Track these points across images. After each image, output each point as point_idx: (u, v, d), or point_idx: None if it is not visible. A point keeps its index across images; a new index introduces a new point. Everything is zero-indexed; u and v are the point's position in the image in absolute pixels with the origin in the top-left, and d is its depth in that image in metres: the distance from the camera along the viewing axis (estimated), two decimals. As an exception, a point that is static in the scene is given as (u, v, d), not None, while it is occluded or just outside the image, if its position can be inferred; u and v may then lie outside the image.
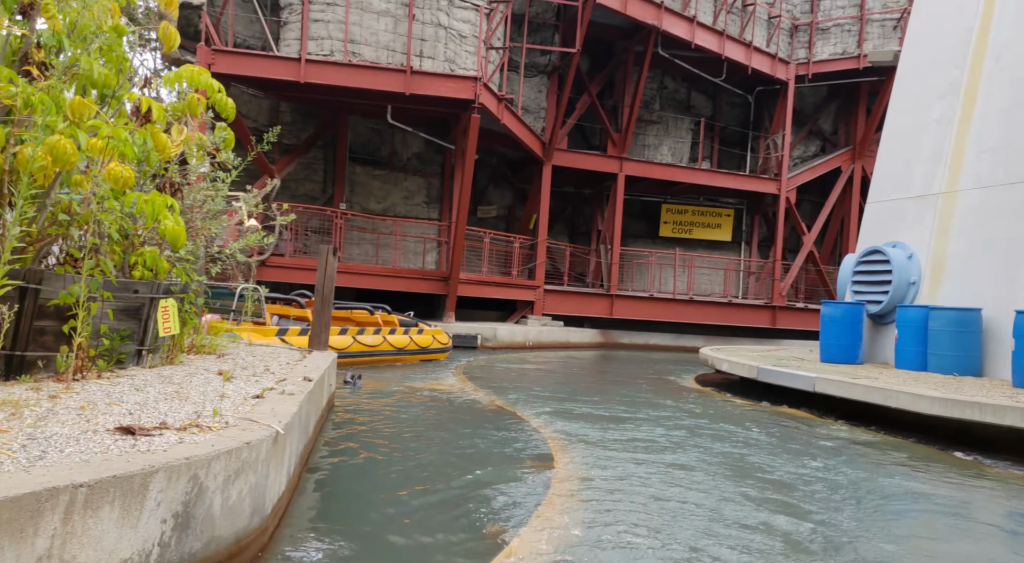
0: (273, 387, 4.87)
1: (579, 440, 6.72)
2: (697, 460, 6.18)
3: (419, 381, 10.62)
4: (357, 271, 17.67)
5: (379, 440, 6.30)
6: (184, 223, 6.55)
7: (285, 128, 19.20)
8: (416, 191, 21.30)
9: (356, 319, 13.44)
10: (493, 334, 18.33)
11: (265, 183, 16.56)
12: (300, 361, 6.83)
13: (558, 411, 8.47)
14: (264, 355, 7.08)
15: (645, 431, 7.36)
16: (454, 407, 8.44)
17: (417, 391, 9.54)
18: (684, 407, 9.52)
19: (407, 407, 8.22)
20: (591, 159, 22.55)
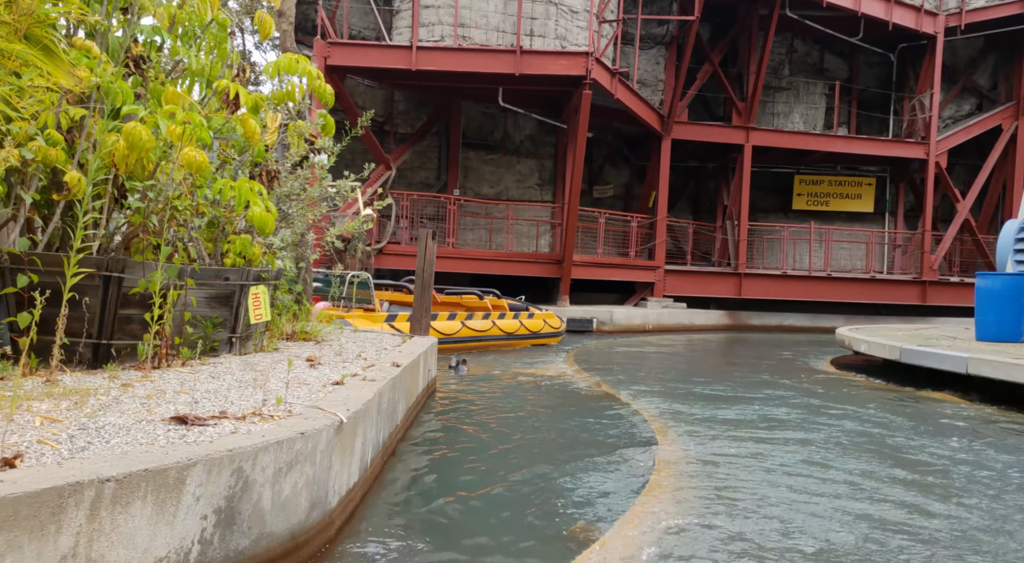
0: (357, 373, 4.73)
1: (688, 428, 6.23)
2: (824, 451, 5.55)
3: (526, 366, 10.38)
4: (471, 256, 17.67)
5: (475, 428, 6.09)
6: (278, 210, 6.59)
7: (399, 117, 19.50)
8: (528, 174, 21.06)
9: (466, 304, 13.38)
10: (609, 317, 17.84)
11: (382, 173, 16.89)
12: (397, 347, 6.73)
13: (669, 396, 7.96)
14: (364, 341, 7.04)
15: (767, 420, 6.75)
16: (558, 393, 8.13)
17: (522, 376, 9.30)
18: (815, 391, 8.73)
19: (509, 393, 7.98)
20: (714, 130, 21.46)
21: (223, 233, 5.44)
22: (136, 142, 3.86)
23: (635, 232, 20.40)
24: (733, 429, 6.27)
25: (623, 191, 24.54)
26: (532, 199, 20.87)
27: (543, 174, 21.15)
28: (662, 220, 20.73)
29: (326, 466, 3.19)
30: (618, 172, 24.42)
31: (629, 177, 24.58)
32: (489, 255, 17.93)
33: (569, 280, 17.84)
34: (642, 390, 8.36)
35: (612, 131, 22.81)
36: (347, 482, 3.53)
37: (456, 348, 11.49)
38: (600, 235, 19.42)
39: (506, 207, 19.18)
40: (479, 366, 10.10)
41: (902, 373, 9.97)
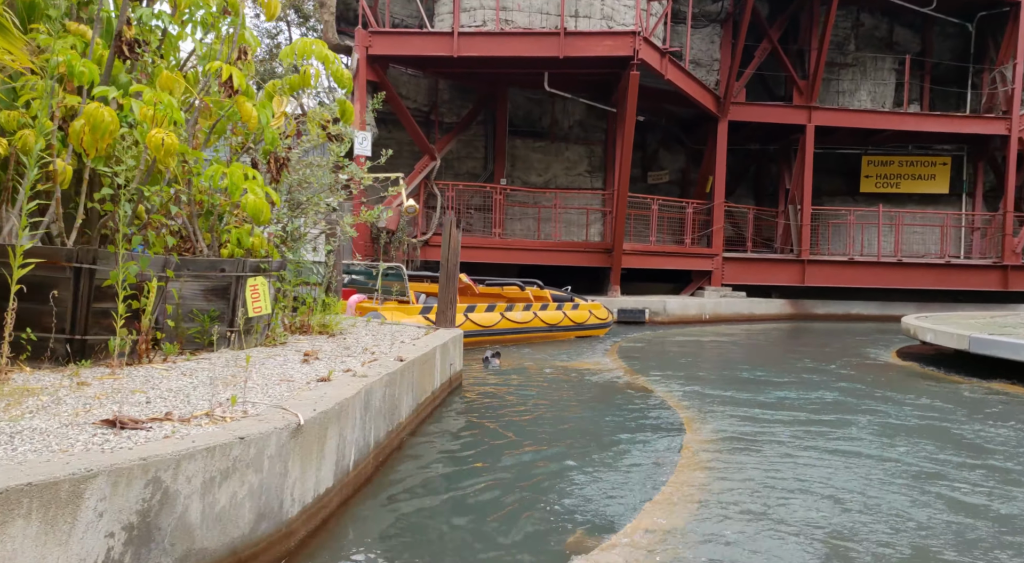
0: (351, 369, 4.43)
1: (731, 432, 5.72)
2: (879, 453, 4.98)
3: (565, 359, 9.96)
4: (518, 247, 17.30)
5: (494, 425, 5.73)
6: (289, 199, 6.35)
7: (444, 106, 19.22)
8: (578, 160, 20.52)
9: (507, 295, 13.02)
10: (662, 307, 17.20)
11: (427, 164, 16.67)
12: (415, 340, 6.42)
13: (715, 394, 7.43)
14: (384, 334, 6.75)
15: (812, 420, 6.18)
16: (591, 388, 7.69)
17: (557, 370, 8.89)
18: (874, 383, 8.06)
19: (539, 388, 7.59)
20: (774, 111, 20.48)
21: (221, 222, 5.21)
22: (98, 124, 3.62)
23: (691, 219, 19.65)
24: (787, 446, 5.74)
25: (679, 176, 23.74)
26: (582, 187, 20.34)
27: (593, 160, 20.58)
28: (719, 206, 19.91)
29: (279, 472, 2.87)
30: (673, 157, 23.62)
31: (685, 162, 23.76)
32: (536, 245, 17.53)
33: (619, 269, 17.29)
34: (686, 388, 7.85)
35: (665, 114, 22.04)
36: (314, 489, 3.22)
37: (495, 340, 11.16)
38: (653, 222, 18.77)
39: (554, 196, 18.69)
40: (515, 359, 9.74)
41: (973, 364, 9.16)
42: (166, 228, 4.63)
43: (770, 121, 20.40)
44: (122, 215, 3.77)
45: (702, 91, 18.72)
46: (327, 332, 6.41)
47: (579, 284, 18.77)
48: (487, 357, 9.20)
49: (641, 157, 23.41)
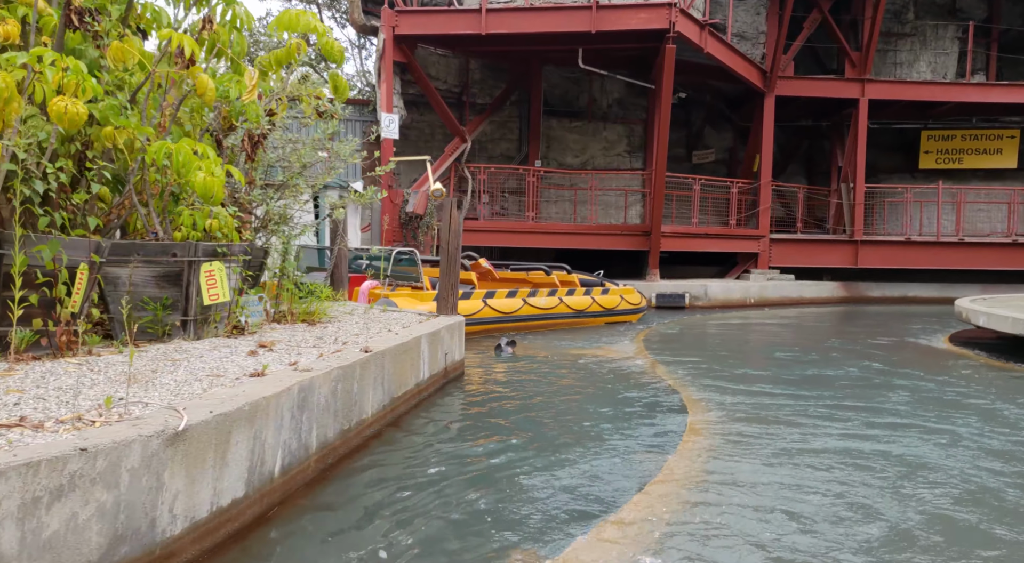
0: (296, 362, 4.02)
1: (744, 434, 5.14)
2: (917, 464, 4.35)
3: (586, 346, 9.42)
4: (552, 230, 16.75)
5: (483, 422, 5.28)
6: (264, 180, 5.96)
7: (475, 86, 18.73)
8: (616, 140, 19.79)
9: (532, 281, 12.52)
10: (704, 292, 16.45)
11: (458, 146, 16.24)
12: (408, 328, 6.00)
13: (731, 386, 6.82)
14: (379, 322, 6.35)
15: (832, 430, 5.54)
16: (604, 378, 7.16)
17: (573, 358, 8.37)
18: (914, 375, 7.31)
19: (548, 380, 7.10)
20: (824, 84, 19.35)
21: (177, 203, 4.86)
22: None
23: (735, 199, 18.75)
24: (815, 455, 5.14)
25: (726, 156, 22.76)
26: (620, 167, 19.62)
27: (632, 140, 19.82)
28: (766, 185, 18.95)
29: (148, 486, 2.47)
30: (720, 135, 22.65)
31: (732, 140, 22.76)
32: (572, 229, 16.94)
33: (658, 252, 16.59)
34: (706, 381, 7.26)
35: (710, 90, 21.09)
36: (212, 501, 2.81)
37: (517, 327, 10.69)
38: (694, 203, 17.95)
39: (589, 177, 18.02)
40: (533, 347, 9.25)
41: (1037, 353, 8.30)
42: (92, 211, 4.29)
43: (820, 95, 19.30)
44: (19, 194, 3.42)
45: (746, 65, 17.78)
46: (311, 320, 6.04)
47: (619, 269, 18.17)
48: (500, 345, 8.75)
49: (685, 136, 22.53)
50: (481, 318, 10.07)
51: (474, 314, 9.95)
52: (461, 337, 6.95)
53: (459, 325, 6.85)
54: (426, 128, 18.10)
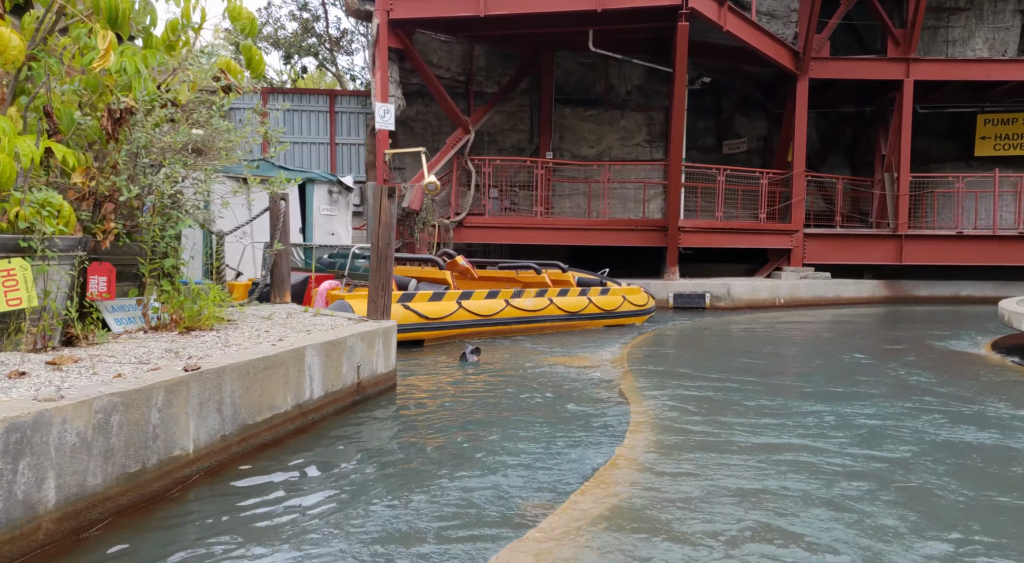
0: (54, 387, 3.12)
1: (665, 473, 4.08)
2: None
3: (564, 353, 8.37)
4: (564, 226, 15.71)
5: (374, 453, 4.33)
6: (134, 164, 5.11)
7: (481, 74, 17.77)
8: (635, 130, 18.59)
9: (522, 280, 11.50)
10: (726, 291, 15.18)
11: (460, 137, 15.32)
12: (310, 335, 5.09)
13: (699, 407, 5.71)
14: (293, 329, 5.45)
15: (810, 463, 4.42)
16: (558, 394, 6.12)
17: (538, 368, 7.33)
18: (940, 391, 6.07)
19: (494, 391, 6.10)
20: (864, 66, 17.80)
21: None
22: None
23: (765, 191, 17.37)
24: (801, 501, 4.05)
25: (760, 145, 21.33)
26: (639, 158, 18.41)
27: (652, 129, 18.60)
28: (799, 175, 17.50)
29: None
30: (752, 123, 21.23)
31: (767, 129, 21.30)
32: (584, 224, 15.87)
33: (676, 249, 15.39)
34: (678, 402, 6.16)
35: (741, 76, 19.72)
36: None
37: (499, 331, 9.71)
38: (719, 195, 16.66)
39: (601, 169, 16.84)
40: (504, 354, 8.26)
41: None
42: None
43: (859, 77, 17.76)
44: None
45: (774, 45, 16.41)
46: (197, 327, 5.17)
47: (640, 268, 17.05)
48: (464, 353, 7.78)
49: (715, 125, 21.20)
50: (454, 321, 9.12)
51: (446, 317, 9.00)
52: (388, 345, 6.00)
53: (384, 332, 5.90)
54: (432, 120, 17.24)
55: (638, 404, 5.53)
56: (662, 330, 11.32)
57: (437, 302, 9.06)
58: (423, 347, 8.78)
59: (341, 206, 13.45)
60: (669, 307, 14.89)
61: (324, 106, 17.29)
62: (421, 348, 8.72)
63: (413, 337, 8.75)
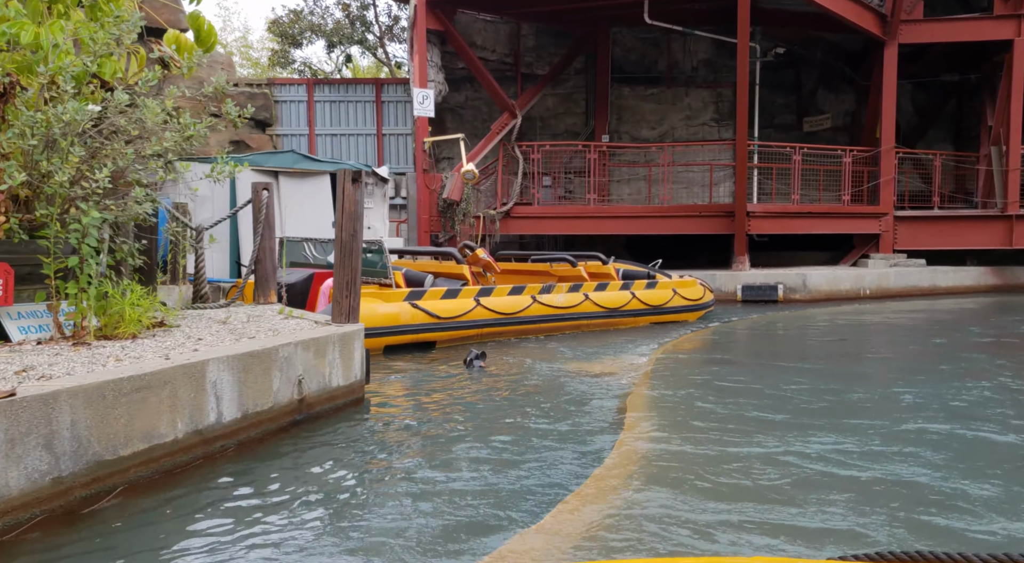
0: None
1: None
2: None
3: (583, 357, 7.36)
4: (620, 214, 14.58)
5: (266, 492, 3.52)
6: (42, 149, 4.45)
7: (529, 54, 16.75)
8: (701, 108, 17.15)
9: (557, 273, 10.50)
10: (801, 282, 13.67)
11: (506, 122, 14.43)
12: (237, 343, 4.33)
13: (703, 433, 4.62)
14: (221, 333, 4.73)
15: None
16: (549, 418, 5.15)
17: (545, 378, 6.37)
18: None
19: (476, 410, 5.20)
20: (964, 26, 15.76)
21: None
22: None
23: (848, 170, 15.65)
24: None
25: (847, 121, 19.41)
26: (707, 139, 16.95)
27: (721, 107, 17.11)
28: (888, 152, 15.67)
29: None
30: (837, 98, 19.34)
31: (854, 103, 19.36)
32: (641, 211, 14.68)
33: (744, 236, 13.99)
34: (684, 445, 5.09)
35: (822, 45, 17.94)
36: None
37: (525, 331, 8.79)
38: (794, 177, 15.08)
39: (668, 151, 15.52)
40: (518, 357, 7.35)
41: None
42: None
43: (960, 40, 15.73)
44: None
45: (856, 8, 14.68)
46: (115, 336, 4.50)
47: (706, 257, 15.73)
48: (469, 359, 6.90)
49: (795, 100, 19.45)
50: (471, 320, 8.25)
51: (461, 316, 8.15)
52: (349, 353, 5.19)
53: (342, 338, 5.09)
54: (483, 106, 16.39)
55: (631, 431, 4.50)
56: (717, 328, 10.10)
57: (451, 300, 8.21)
58: (433, 350, 7.96)
59: (377, 198, 12.81)
60: (737, 300, 13.55)
61: (370, 96, 16.74)
62: (431, 351, 7.90)
63: (422, 339, 7.94)
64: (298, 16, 17.98)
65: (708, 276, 13.81)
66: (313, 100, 16.63)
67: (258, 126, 16.39)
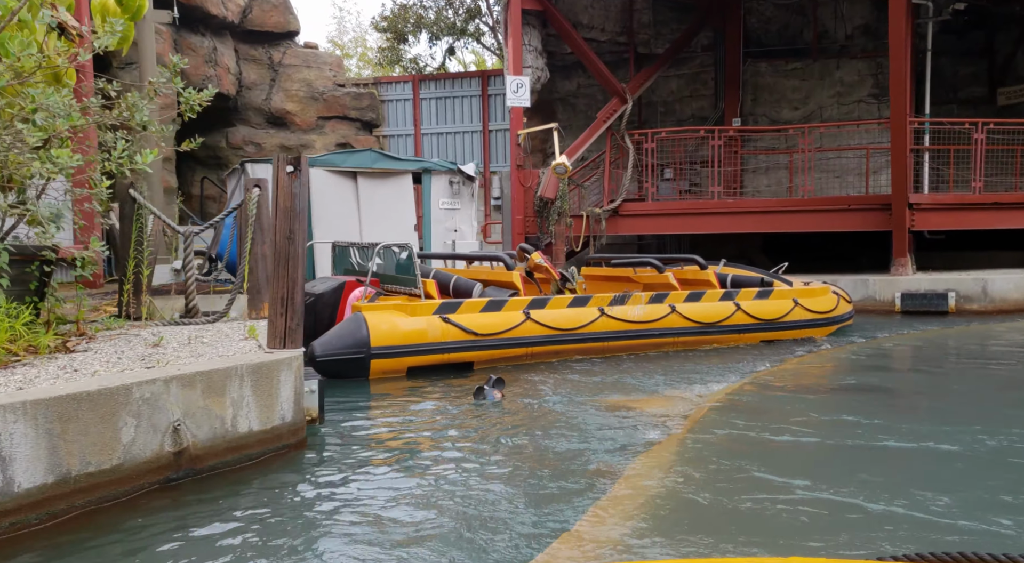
0: None
1: None
2: None
3: (634, 390, 5.78)
4: (747, 209, 12.52)
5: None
6: None
7: (645, 31, 14.92)
8: (857, 82, 14.49)
9: (641, 280, 8.84)
10: (980, 289, 10.96)
11: (616, 108, 12.93)
12: (94, 378, 3.36)
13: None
14: (117, 363, 3.81)
15: None
16: (536, 492, 3.75)
17: (565, 419, 4.91)
18: None
19: (440, 469, 3.90)
20: None
21: None
22: None
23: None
24: None
25: (1056, 91, 15.83)
26: (863, 118, 14.29)
27: (882, 79, 14.37)
28: (1108, 124, 12.37)
29: None
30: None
31: (1067, 68, 15.76)
32: (777, 205, 12.53)
33: (905, 234, 11.48)
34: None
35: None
36: None
37: (589, 350, 7.31)
38: (976, 159, 12.22)
39: (805, 134, 13.11)
40: (550, 384, 5.93)
41: None
42: None
43: None
44: None
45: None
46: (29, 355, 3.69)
47: (865, 259, 13.29)
48: (482, 387, 5.58)
49: (987, 68, 16.14)
50: (517, 338, 6.91)
51: (504, 332, 6.83)
52: (271, 388, 4.06)
53: (256, 370, 3.96)
54: (598, 93, 14.88)
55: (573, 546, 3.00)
56: (851, 347, 8.03)
57: (493, 312, 6.92)
58: (472, 372, 6.71)
59: (464, 198, 11.78)
60: (895, 311, 11.12)
61: (476, 89, 15.77)
62: (469, 374, 6.66)
63: (455, 359, 6.72)
64: (406, 10, 17.41)
65: (859, 282, 11.49)
66: (418, 97, 15.93)
67: (365, 128, 15.96)
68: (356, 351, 6.31)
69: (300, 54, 15.62)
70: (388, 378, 6.43)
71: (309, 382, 4.45)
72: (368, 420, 5.07)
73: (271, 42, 15.34)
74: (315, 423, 4.49)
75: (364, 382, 6.32)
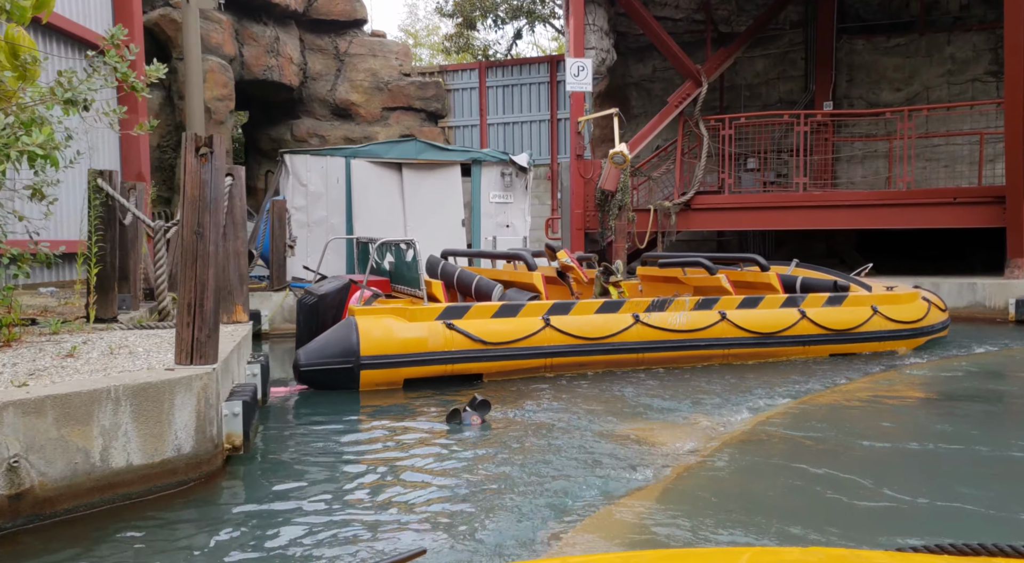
0: None
1: None
2: None
3: (652, 415, 4.83)
4: (837, 203, 11.12)
5: None
6: None
7: (724, 7, 13.54)
8: (971, 59, 12.64)
9: (691, 282, 7.76)
10: (1118, 297, 9.21)
11: (690, 91, 11.84)
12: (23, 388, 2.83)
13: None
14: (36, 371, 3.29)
15: None
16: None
17: (548, 449, 4.06)
18: None
19: (386, 503, 3.17)
20: None
21: None
22: None
23: None
24: None
25: None
26: (978, 98, 12.46)
27: (1002, 54, 12.51)
28: None
29: None
30: None
31: None
32: (870, 199, 11.07)
33: (1022, 231, 9.84)
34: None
35: None
36: None
37: (620, 362, 6.40)
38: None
39: (904, 118, 11.46)
40: (548, 407, 5.08)
41: None
42: None
43: None
44: None
45: None
46: None
47: (978, 259, 11.67)
48: (458, 410, 4.78)
49: None
50: (534, 347, 6.09)
51: (519, 341, 6.03)
52: (166, 415, 3.42)
53: (136, 393, 3.33)
54: (675, 77, 13.69)
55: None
56: (937, 364, 6.72)
57: (507, 318, 6.12)
58: (481, 384, 5.94)
59: (517, 191, 10.99)
60: (1008, 320, 9.56)
61: (544, 76, 14.87)
62: (478, 385, 5.90)
63: (461, 371, 5.96)
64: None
65: (965, 286, 9.96)
66: (484, 85, 15.21)
67: (430, 118, 15.40)
68: (344, 360, 5.66)
69: (366, 43, 15.24)
70: (382, 391, 5.77)
71: (231, 403, 3.81)
72: (320, 443, 4.38)
73: (337, 31, 15.01)
74: (238, 452, 3.84)
75: (354, 395, 5.67)
